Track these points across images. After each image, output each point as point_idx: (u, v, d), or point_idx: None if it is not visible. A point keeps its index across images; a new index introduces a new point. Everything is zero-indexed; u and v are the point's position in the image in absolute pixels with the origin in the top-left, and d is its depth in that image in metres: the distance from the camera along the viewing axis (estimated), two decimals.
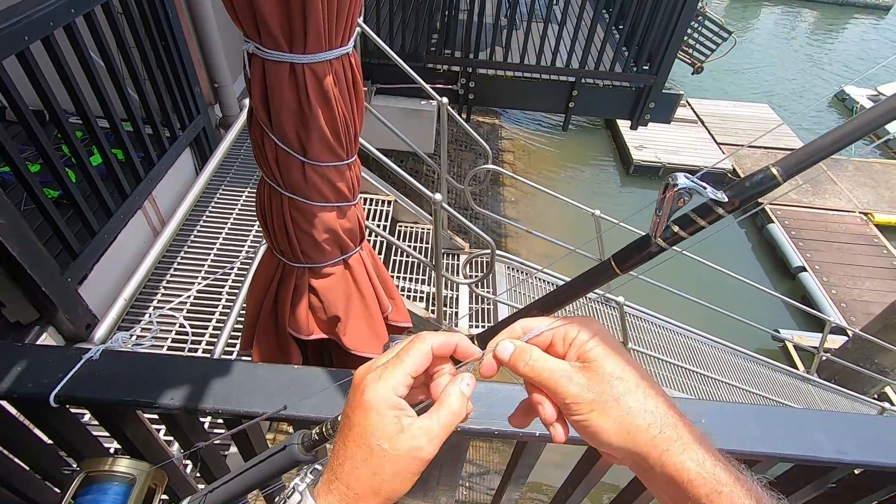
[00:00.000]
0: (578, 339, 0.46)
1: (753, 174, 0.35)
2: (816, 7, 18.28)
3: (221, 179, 2.93)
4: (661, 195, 0.37)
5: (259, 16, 0.73)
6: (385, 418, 0.43)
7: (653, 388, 0.44)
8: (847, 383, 4.98)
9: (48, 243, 1.68)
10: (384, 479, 0.42)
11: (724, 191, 0.36)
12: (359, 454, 0.43)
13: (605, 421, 0.42)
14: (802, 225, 7.80)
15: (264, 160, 0.91)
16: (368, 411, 0.43)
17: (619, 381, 0.43)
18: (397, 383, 0.44)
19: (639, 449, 0.42)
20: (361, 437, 0.43)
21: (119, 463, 0.78)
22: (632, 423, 0.41)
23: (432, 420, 0.44)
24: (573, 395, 0.43)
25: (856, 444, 0.84)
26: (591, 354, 0.44)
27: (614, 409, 0.42)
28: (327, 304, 1.07)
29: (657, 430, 0.41)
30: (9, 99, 1.56)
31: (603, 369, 0.43)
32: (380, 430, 0.43)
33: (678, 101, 4.43)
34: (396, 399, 0.44)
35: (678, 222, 0.38)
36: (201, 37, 2.75)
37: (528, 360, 0.46)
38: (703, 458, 0.40)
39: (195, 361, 0.83)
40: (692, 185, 0.35)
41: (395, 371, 0.44)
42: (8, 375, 0.74)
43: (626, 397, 0.42)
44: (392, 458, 0.42)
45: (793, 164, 0.34)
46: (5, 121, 2.44)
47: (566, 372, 0.44)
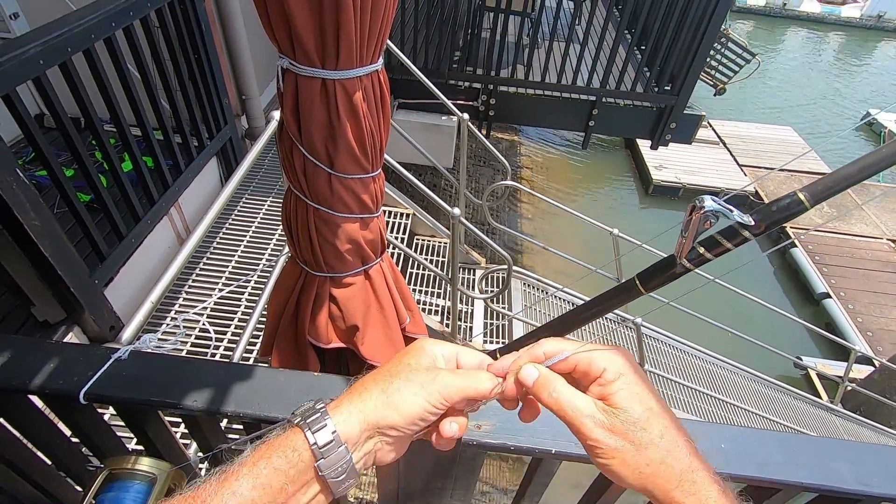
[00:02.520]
0: (604, 378, 0.45)
1: (781, 199, 0.35)
2: (844, 30, 18.10)
3: (245, 189, 3.00)
4: (688, 217, 0.37)
5: (294, 33, 0.76)
6: (426, 354, 0.48)
7: (677, 437, 0.43)
8: (873, 415, 4.80)
9: (78, 245, 1.74)
10: (395, 381, 0.46)
11: (751, 214, 0.36)
12: (386, 366, 0.48)
13: (624, 469, 0.42)
14: (827, 250, 7.63)
15: (292, 171, 0.94)
16: (416, 347, 0.49)
17: (642, 431, 0.42)
18: (448, 351, 0.50)
19: (655, 496, 0.42)
20: (397, 358, 0.48)
21: (141, 462, 0.80)
22: (650, 475, 0.42)
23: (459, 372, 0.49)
24: (595, 439, 0.43)
25: (883, 477, 0.82)
26: (616, 399, 0.44)
27: (634, 458, 0.42)
28: (347, 313, 1.08)
29: (675, 485, 0.42)
30: (49, 106, 1.63)
31: (627, 416, 0.43)
32: (415, 357, 0.48)
33: (700, 122, 4.41)
34: (440, 357, 0.49)
35: (704, 244, 0.39)
36: (232, 50, 2.85)
37: (552, 391, 0.45)
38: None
39: (218, 365, 0.84)
40: (719, 208, 0.35)
41: (452, 345, 0.50)
42: (41, 372, 0.77)
43: (648, 448, 0.42)
44: (411, 369, 0.47)
45: (820, 190, 0.34)
46: (44, 127, 2.54)
47: (591, 413, 0.44)
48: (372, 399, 0.45)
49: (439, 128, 4.04)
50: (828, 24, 18.30)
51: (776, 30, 17.91)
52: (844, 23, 18.25)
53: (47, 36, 1.54)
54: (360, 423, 0.44)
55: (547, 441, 0.77)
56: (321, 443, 0.43)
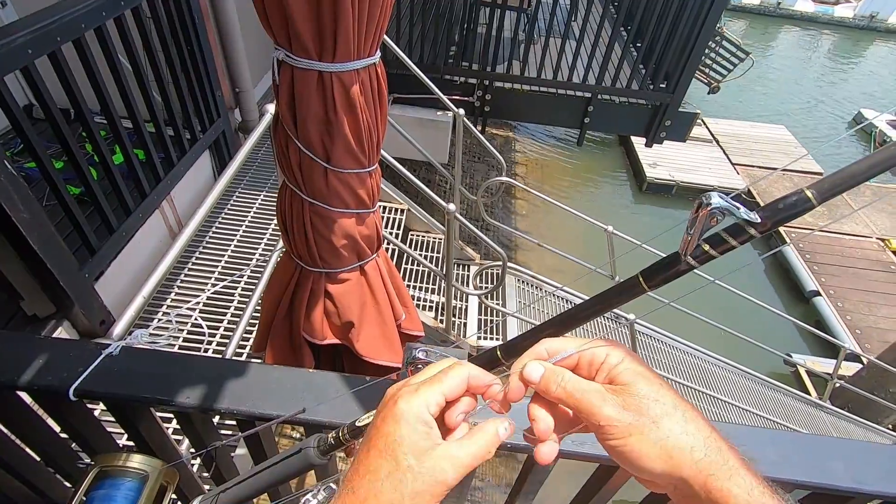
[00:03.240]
0: (608, 363, 0.44)
1: (787, 196, 0.35)
2: (837, 29, 18.23)
3: (238, 183, 2.97)
4: (694, 213, 0.37)
5: (291, 25, 0.74)
6: (416, 432, 0.41)
7: (691, 409, 0.42)
8: (861, 412, 4.87)
9: (68, 239, 1.71)
10: (404, 498, 0.40)
11: (757, 211, 0.36)
12: (384, 467, 0.41)
13: (644, 445, 0.40)
14: (817, 249, 7.70)
15: (287, 165, 0.92)
16: (400, 421, 0.42)
17: (655, 402, 0.41)
18: (431, 401, 0.43)
19: (682, 473, 0.39)
20: (389, 448, 0.41)
21: (132, 459, 0.79)
22: (674, 447, 0.39)
23: (462, 448, 0.42)
24: (608, 416, 0.41)
25: (875, 475, 0.83)
26: (624, 377, 0.43)
27: (653, 432, 0.40)
28: (342, 309, 1.08)
29: (701, 454, 0.39)
30: (38, 97, 1.60)
31: (638, 391, 0.41)
32: (409, 443, 0.41)
33: (694, 120, 4.42)
34: (428, 416, 0.42)
35: (709, 241, 0.38)
36: (225, 42, 2.81)
37: (559, 381, 0.44)
38: (751, 485, 0.38)
39: (211, 361, 0.83)
40: (726, 205, 0.35)
41: (432, 388, 0.43)
42: (30, 367, 0.76)
43: (665, 420, 0.40)
44: (415, 476, 0.40)
45: (827, 187, 0.34)
46: (33, 118, 2.50)
47: (601, 393, 0.42)
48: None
49: (435, 123, 4.02)
50: (821, 23, 18.41)
51: (770, 29, 18.00)
52: (837, 22, 18.37)
53: (36, 25, 1.51)
54: None
55: None
56: None
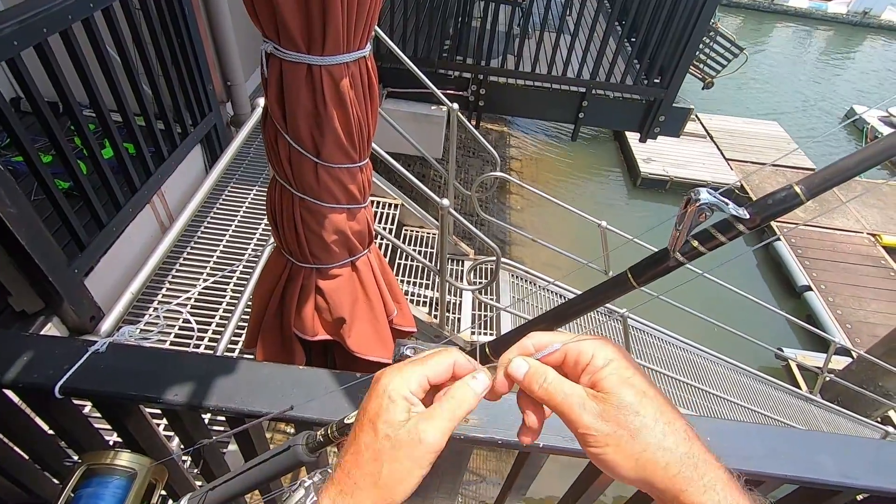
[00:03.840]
0: (592, 365, 0.43)
1: (776, 192, 0.35)
2: (830, 26, 18.30)
3: (230, 177, 2.95)
4: (683, 209, 0.36)
5: (279, 17, 0.73)
6: (396, 405, 0.43)
7: (672, 422, 0.41)
8: (850, 405, 4.93)
9: (56, 234, 1.69)
10: (383, 466, 0.42)
11: (746, 207, 0.36)
12: (363, 439, 0.43)
13: (619, 456, 0.40)
14: (809, 244, 7.76)
15: (277, 160, 0.91)
16: (382, 396, 0.44)
17: (635, 415, 0.40)
18: (412, 379, 0.44)
19: (655, 485, 0.40)
20: (370, 422, 0.43)
21: (120, 457, 0.78)
22: (648, 461, 0.40)
23: (437, 408, 0.44)
24: (586, 425, 0.41)
25: (863, 469, 0.83)
26: (607, 383, 0.42)
27: (630, 445, 0.40)
28: (333, 305, 1.07)
29: (676, 470, 0.39)
30: (25, 90, 1.57)
31: (619, 401, 0.41)
32: (387, 416, 0.43)
33: (688, 116, 4.43)
34: (408, 392, 0.44)
35: (698, 237, 0.38)
36: (216, 35, 2.78)
37: (542, 382, 0.44)
38: (725, 501, 0.39)
39: (201, 358, 0.83)
40: (715, 201, 0.35)
41: (415, 369, 0.45)
42: (14, 365, 0.74)
43: (642, 433, 0.40)
44: (392, 444, 0.42)
45: (816, 182, 0.34)
46: (20, 111, 2.46)
47: (581, 399, 0.42)
48: (366, 494, 0.42)
49: (429, 118, 4.00)
50: (815, 19, 18.47)
51: (764, 25, 18.04)
52: (831, 19, 18.44)
53: (22, 15, 1.48)
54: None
55: None
56: None
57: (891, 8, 18.10)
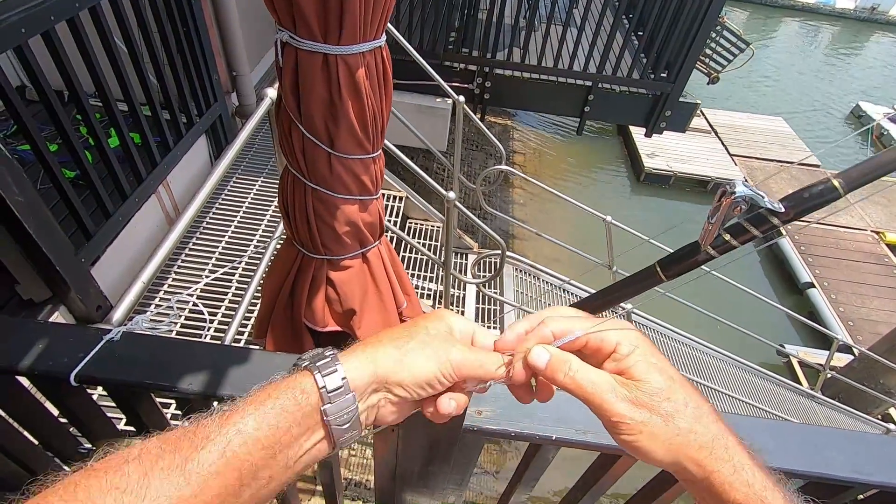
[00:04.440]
0: (619, 352, 0.43)
1: (813, 185, 0.34)
2: (838, 22, 18.14)
3: (236, 168, 2.94)
4: (717, 202, 0.36)
5: (296, 5, 0.72)
6: (443, 323, 0.47)
7: (700, 405, 0.42)
8: (851, 402, 4.93)
9: (63, 223, 1.69)
10: (411, 341, 0.45)
11: (781, 201, 0.35)
12: (403, 326, 0.47)
13: (654, 443, 0.40)
14: (812, 241, 7.74)
15: (290, 150, 0.91)
16: (435, 315, 0.48)
17: (666, 401, 0.41)
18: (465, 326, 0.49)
19: (687, 468, 0.40)
20: (416, 324, 0.47)
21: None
22: (682, 444, 0.40)
23: (470, 350, 0.47)
24: (620, 413, 0.41)
25: (874, 465, 0.83)
26: (635, 371, 0.42)
27: (663, 430, 0.40)
28: (344, 296, 1.07)
29: (707, 452, 0.40)
30: (32, 78, 1.56)
31: (650, 387, 0.41)
32: (436, 328, 0.46)
33: (695, 111, 4.40)
34: (458, 330, 0.48)
35: (730, 230, 0.37)
36: (222, 25, 2.76)
37: (567, 370, 0.43)
38: (753, 480, 0.39)
39: (214, 347, 0.82)
40: (751, 194, 0.34)
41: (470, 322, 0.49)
42: (30, 352, 0.75)
43: (674, 418, 0.40)
44: (427, 333, 0.45)
45: (855, 176, 0.33)
46: (26, 100, 2.45)
47: (611, 387, 0.42)
48: (385, 353, 0.44)
49: (434, 110, 3.98)
50: (822, 14, 18.31)
51: (771, 19, 17.88)
52: (839, 14, 18.28)
53: (29, 3, 1.47)
54: (369, 375, 0.43)
55: (548, 427, 0.77)
56: (330, 387, 0.41)
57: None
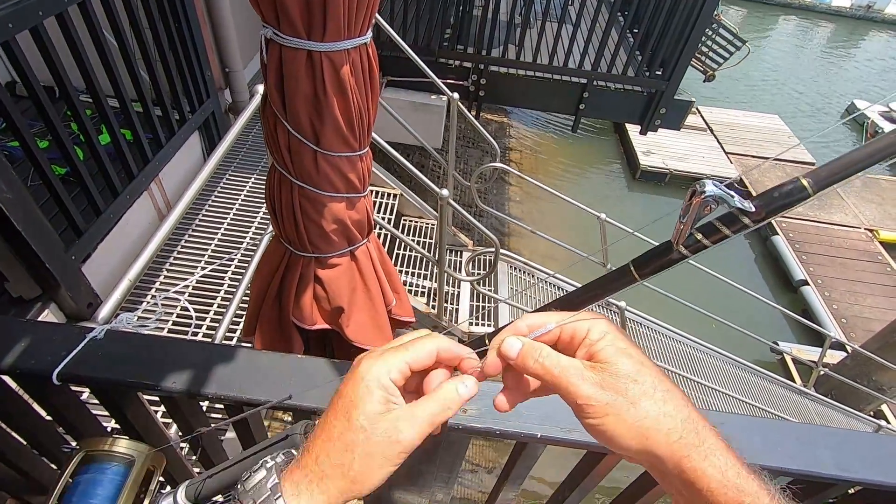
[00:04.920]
0: (589, 338, 0.43)
1: (783, 185, 0.34)
2: (834, 20, 18.18)
3: (228, 165, 2.93)
4: (687, 201, 0.36)
5: (279, 1, 0.72)
6: (372, 394, 0.41)
7: (671, 389, 0.41)
8: (844, 399, 4.97)
9: (53, 220, 1.68)
10: (355, 458, 0.40)
11: (752, 200, 0.35)
12: (337, 426, 0.42)
13: (620, 425, 0.40)
14: (807, 238, 7.78)
15: (276, 147, 0.90)
16: (358, 383, 0.42)
17: (634, 383, 0.40)
18: (393, 367, 0.43)
19: (657, 453, 0.39)
20: (344, 409, 0.42)
21: (118, 443, 0.78)
22: (650, 428, 0.39)
23: (417, 407, 0.43)
24: (586, 395, 0.40)
25: (858, 462, 0.84)
26: (604, 354, 0.42)
27: (630, 412, 0.39)
28: (332, 294, 1.07)
29: (677, 436, 0.39)
30: (20, 74, 1.55)
31: (617, 370, 0.41)
32: (363, 405, 0.41)
33: (689, 108, 4.41)
34: (388, 381, 0.42)
35: (702, 230, 0.38)
36: (215, 20, 2.74)
37: (537, 356, 0.43)
38: (726, 466, 0.38)
39: (199, 345, 0.82)
40: (720, 193, 0.34)
41: (395, 355, 0.43)
42: (12, 351, 0.74)
43: (643, 400, 0.40)
44: (367, 437, 0.40)
45: (824, 176, 0.33)
46: (16, 95, 2.44)
47: (579, 370, 0.42)
48: (334, 484, 0.41)
49: (428, 107, 3.97)
50: (818, 12, 18.35)
51: (767, 17, 17.90)
52: (834, 12, 18.32)
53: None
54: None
55: (533, 426, 0.77)
56: None
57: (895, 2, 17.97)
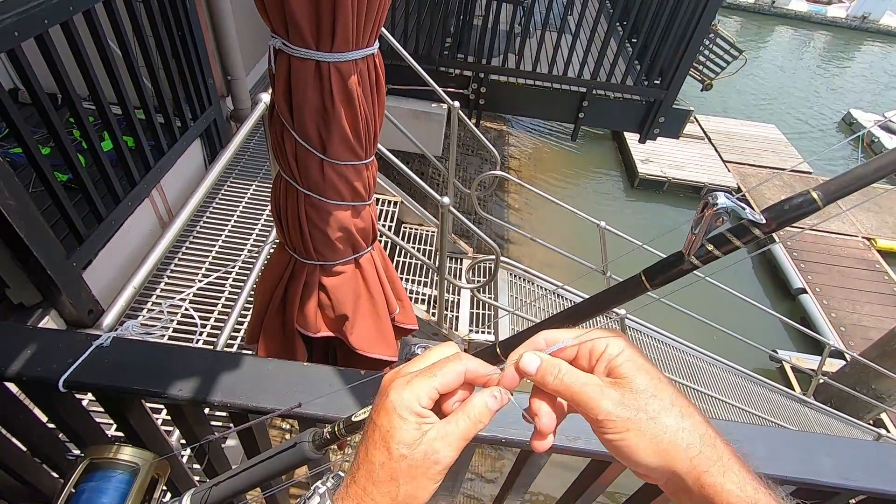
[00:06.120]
0: (607, 354, 0.44)
1: (793, 197, 0.35)
2: (829, 29, 18.36)
3: (230, 172, 2.94)
4: (699, 213, 0.36)
5: (289, 12, 0.73)
6: (407, 423, 0.43)
7: (688, 405, 0.42)
8: (843, 408, 4.97)
9: (55, 226, 1.68)
10: (400, 485, 0.42)
11: (762, 212, 0.36)
12: (377, 457, 0.43)
13: (641, 441, 0.40)
14: (805, 246, 7.80)
15: (283, 156, 0.91)
16: (392, 413, 0.43)
17: (653, 398, 0.41)
18: (422, 394, 0.43)
19: (677, 468, 0.40)
20: (382, 440, 0.43)
21: (123, 451, 0.78)
22: (670, 443, 0.40)
23: (450, 424, 0.43)
24: (606, 411, 0.41)
25: (860, 471, 0.84)
26: (623, 370, 0.43)
27: (650, 428, 0.40)
28: (336, 302, 1.07)
29: (696, 451, 0.40)
30: (25, 81, 1.56)
31: (636, 386, 0.41)
32: (400, 434, 0.42)
33: (688, 117, 4.44)
34: (419, 408, 0.43)
35: (713, 241, 0.38)
36: (217, 28, 2.76)
37: (556, 373, 0.44)
38: (744, 481, 0.39)
39: (205, 353, 0.82)
40: (732, 205, 0.35)
41: (424, 382, 0.44)
42: (18, 358, 0.74)
43: (662, 416, 0.40)
44: (409, 464, 0.42)
45: (833, 189, 0.34)
46: (19, 102, 2.44)
47: (599, 386, 0.42)
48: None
49: (429, 115, 3.99)
50: (814, 23, 18.53)
51: (764, 27, 18.08)
52: (830, 22, 18.50)
53: (23, 6, 1.47)
54: None
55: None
56: None
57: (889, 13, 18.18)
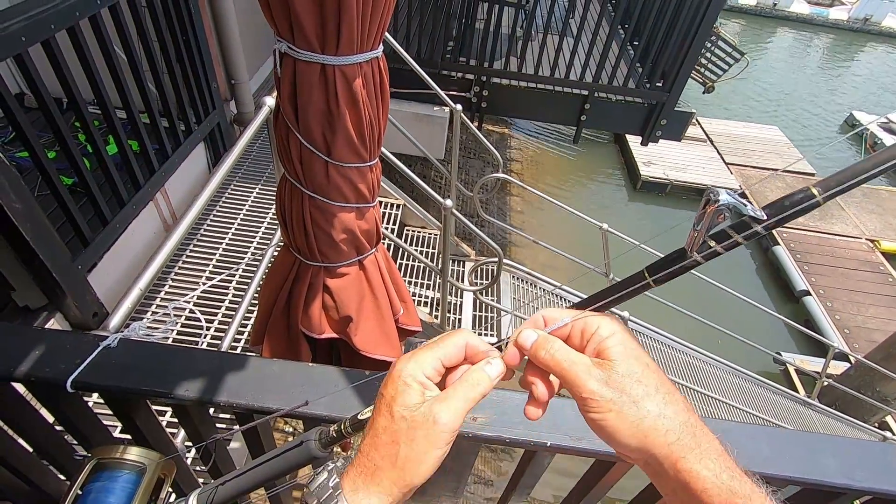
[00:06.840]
0: (598, 335, 0.45)
1: (793, 193, 0.35)
2: (831, 32, 18.34)
3: (233, 176, 2.95)
4: (702, 210, 0.37)
5: (294, 16, 0.74)
6: (411, 388, 0.44)
7: (672, 392, 0.43)
8: (848, 410, 4.94)
9: (60, 230, 1.69)
10: (401, 447, 0.43)
11: (763, 209, 0.36)
12: (381, 422, 0.45)
13: (621, 422, 0.41)
14: (808, 249, 7.78)
15: (288, 158, 0.92)
16: (397, 381, 0.45)
17: (637, 383, 0.42)
18: (426, 364, 0.46)
19: (654, 452, 0.41)
20: (386, 405, 0.45)
21: (130, 451, 0.78)
22: (649, 428, 0.41)
23: (450, 389, 0.45)
24: (590, 390, 0.42)
25: (866, 471, 0.84)
26: (611, 353, 0.44)
27: (632, 411, 0.41)
28: (340, 303, 1.07)
29: (675, 437, 0.41)
30: (31, 85, 1.57)
31: (623, 369, 0.43)
32: (402, 399, 0.44)
33: (690, 120, 4.44)
34: (423, 377, 0.45)
35: (714, 237, 0.39)
36: (221, 32, 2.78)
37: (548, 349, 0.45)
38: (720, 469, 0.40)
39: (210, 354, 0.83)
40: (734, 202, 0.35)
41: (427, 353, 0.46)
42: (26, 359, 0.75)
43: (644, 400, 0.42)
44: (408, 425, 0.43)
45: (833, 185, 0.34)
46: (25, 107, 2.46)
47: (587, 366, 0.43)
48: (386, 475, 0.44)
49: (431, 118, 4.01)
50: (816, 25, 18.51)
51: (765, 30, 18.08)
52: (832, 25, 18.48)
53: (30, 12, 1.48)
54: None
55: (543, 433, 0.78)
56: None
57: (891, 15, 18.16)
